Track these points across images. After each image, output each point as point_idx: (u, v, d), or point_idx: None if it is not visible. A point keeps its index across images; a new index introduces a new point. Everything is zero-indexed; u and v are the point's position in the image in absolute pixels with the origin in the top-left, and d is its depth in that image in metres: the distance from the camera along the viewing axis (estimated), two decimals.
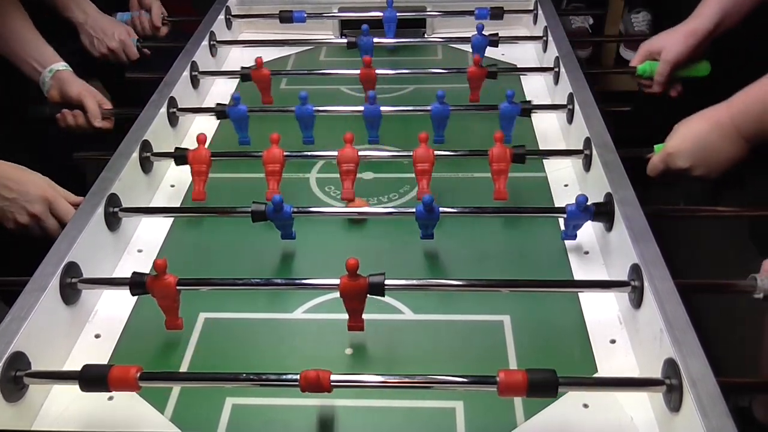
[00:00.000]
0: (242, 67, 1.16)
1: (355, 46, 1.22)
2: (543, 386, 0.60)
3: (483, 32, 1.20)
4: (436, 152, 0.91)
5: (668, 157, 0.94)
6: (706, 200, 1.69)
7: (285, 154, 0.92)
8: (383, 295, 0.70)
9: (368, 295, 0.70)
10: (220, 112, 1.05)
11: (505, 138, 1.00)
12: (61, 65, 1.17)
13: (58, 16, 1.35)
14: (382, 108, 1.02)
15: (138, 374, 0.63)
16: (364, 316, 0.72)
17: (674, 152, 0.93)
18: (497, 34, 1.22)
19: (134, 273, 0.73)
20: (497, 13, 1.32)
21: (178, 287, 0.71)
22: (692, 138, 0.92)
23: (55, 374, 0.70)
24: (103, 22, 1.37)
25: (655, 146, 0.96)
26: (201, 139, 0.94)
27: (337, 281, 0.70)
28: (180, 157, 0.94)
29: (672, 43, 1.10)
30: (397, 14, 1.31)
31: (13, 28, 1.17)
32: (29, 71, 1.18)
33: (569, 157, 1.01)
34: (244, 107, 1.03)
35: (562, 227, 0.86)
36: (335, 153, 0.93)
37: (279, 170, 0.92)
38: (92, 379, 0.63)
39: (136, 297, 0.81)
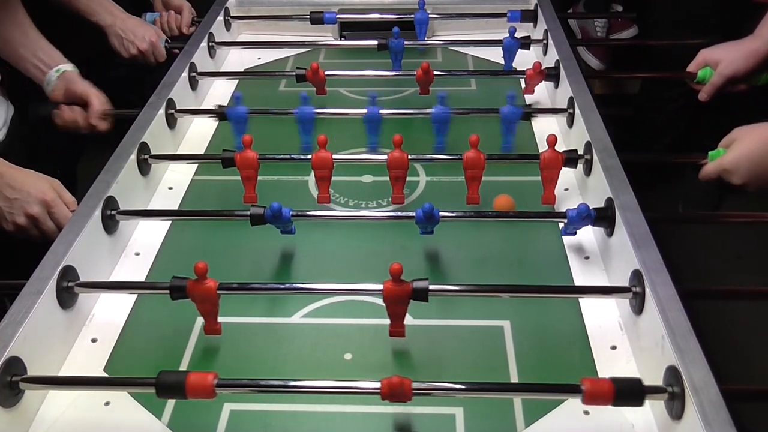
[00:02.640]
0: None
1: (386, 48, 1.21)
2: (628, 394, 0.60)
3: (515, 35, 1.19)
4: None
5: (724, 173, 0.96)
6: (706, 205, 1.69)
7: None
8: (427, 300, 0.70)
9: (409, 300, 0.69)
10: (220, 114, 1.04)
11: (504, 143, 1.00)
12: (69, 66, 1.16)
13: (84, 20, 1.34)
14: (382, 111, 1.01)
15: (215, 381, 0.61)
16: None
17: (730, 169, 0.94)
18: (529, 36, 1.23)
19: (174, 277, 0.71)
20: (528, 16, 1.33)
21: (218, 291, 0.71)
22: (748, 157, 0.93)
23: (52, 379, 0.69)
24: (132, 24, 1.35)
25: (709, 153, 0.97)
26: (247, 141, 0.90)
27: (380, 287, 0.69)
28: (227, 159, 0.91)
29: (732, 59, 1.12)
30: (397, 17, 1.30)
31: (16, 27, 1.16)
32: (32, 71, 1.16)
33: None
34: (243, 108, 1.01)
35: (561, 225, 0.86)
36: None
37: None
38: (169, 386, 0.61)
39: (132, 301, 0.80)
